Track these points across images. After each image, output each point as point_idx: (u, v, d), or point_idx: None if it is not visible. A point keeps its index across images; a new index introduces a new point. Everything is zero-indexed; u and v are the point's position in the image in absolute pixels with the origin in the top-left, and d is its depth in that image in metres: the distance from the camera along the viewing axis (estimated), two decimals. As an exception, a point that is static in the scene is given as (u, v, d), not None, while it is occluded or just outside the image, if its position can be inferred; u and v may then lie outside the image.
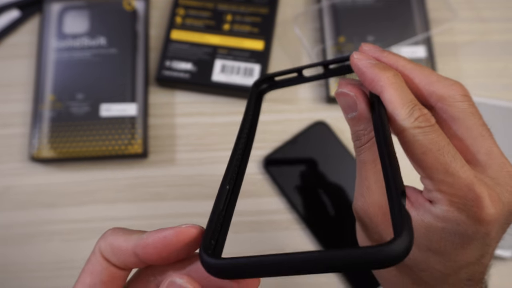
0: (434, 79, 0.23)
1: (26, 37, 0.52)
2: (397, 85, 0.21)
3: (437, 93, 0.22)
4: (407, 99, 0.21)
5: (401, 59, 0.23)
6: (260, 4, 0.51)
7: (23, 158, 0.48)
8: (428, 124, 0.21)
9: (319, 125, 0.48)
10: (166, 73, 0.49)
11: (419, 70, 0.23)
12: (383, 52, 0.23)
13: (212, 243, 0.20)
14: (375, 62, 0.22)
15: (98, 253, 0.21)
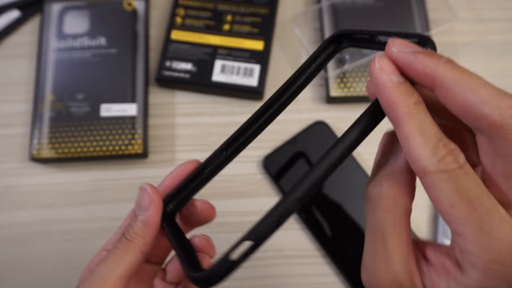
0: (485, 97, 0.17)
1: (26, 37, 0.52)
2: (418, 116, 0.18)
3: (489, 119, 0.17)
4: (429, 134, 0.17)
5: (441, 66, 0.18)
6: (260, 4, 0.51)
7: (23, 158, 0.48)
8: (455, 167, 0.17)
9: (319, 125, 0.48)
10: (166, 73, 0.49)
11: (464, 83, 0.17)
12: (417, 56, 0.18)
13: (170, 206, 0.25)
14: (396, 81, 0.18)
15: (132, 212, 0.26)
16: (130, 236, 0.24)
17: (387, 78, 0.18)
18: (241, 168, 0.47)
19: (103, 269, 0.23)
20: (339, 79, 0.48)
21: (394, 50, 0.19)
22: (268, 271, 0.44)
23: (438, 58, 0.18)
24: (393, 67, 0.19)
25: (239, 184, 0.47)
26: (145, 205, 0.25)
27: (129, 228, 0.25)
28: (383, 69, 0.19)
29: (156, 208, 0.25)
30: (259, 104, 0.50)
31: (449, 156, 0.17)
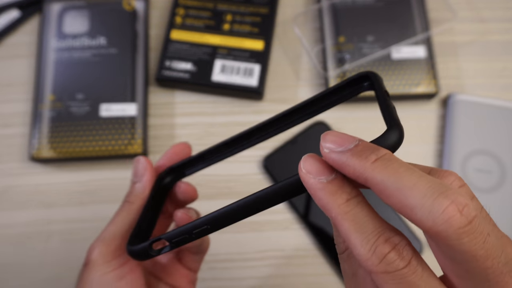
0: (417, 200, 0.15)
1: (26, 37, 0.52)
2: (352, 213, 0.17)
3: (423, 225, 0.15)
4: (366, 230, 0.16)
5: (368, 167, 0.16)
6: (260, 4, 0.51)
7: (23, 158, 0.48)
8: (401, 265, 0.15)
9: (319, 125, 0.48)
10: (166, 73, 0.49)
11: (395, 184, 0.16)
12: (345, 157, 0.17)
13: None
14: (325, 181, 0.17)
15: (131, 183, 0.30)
16: (131, 199, 0.29)
17: (315, 181, 0.18)
18: (241, 168, 0.47)
19: (111, 229, 0.28)
20: (339, 79, 0.48)
21: (326, 151, 0.18)
22: (268, 271, 0.44)
23: (366, 158, 0.16)
24: (320, 167, 0.18)
25: (239, 184, 0.47)
26: (140, 172, 0.29)
27: (129, 194, 0.29)
28: (310, 172, 0.18)
29: (150, 174, 0.29)
30: (259, 104, 0.50)
31: (392, 253, 0.16)
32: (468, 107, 0.48)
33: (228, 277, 0.44)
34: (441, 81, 0.50)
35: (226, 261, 0.44)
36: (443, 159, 0.47)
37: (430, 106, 0.50)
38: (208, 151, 0.28)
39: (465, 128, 0.47)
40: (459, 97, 0.48)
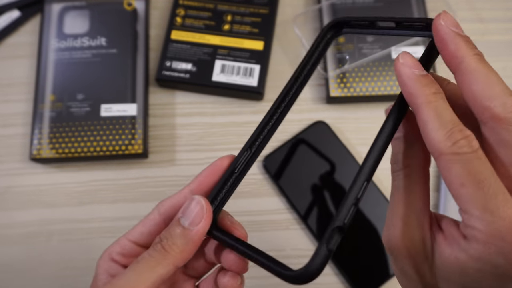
0: (496, 92, 0.19)
1: (26, 37, 0.53)
2: (436, 104, 0.19)
3: (492, 111, 0.19)
4: (445, 119, 0.19)
5: (471, 54, 0.20)
6: (260, 4, 0.51)
7: (23, 158, 0.48)
8: (469, 150, 0.18)
9: (319, 125, 0.48)
10: (166, 73, 0.49)
11: (484, 76, 0.19)
12: (456, 37, 0.20)
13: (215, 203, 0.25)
14: (418, 73, 0.20)
15: (156, 210, 0.26)
16: (169, 246, 0.23)
17: (410, 71, 0.20)
18: (241, 168, 0.47)
19: (132, 277, 0.22)
20: (339, 79, 0.48)
21: (442, 22, 0.20)
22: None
23: (472, 48, 0.20)
24: (416, 62, 0.21)
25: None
26: (195, 220, 0.23)
27: (168, 236, 0.23)
28: (407, 63, 0.20)
29: (206, 225, 0.23)
30: (259, 104, 0.50)
31: (463, 140, 0.18)
32: (468, 107, 0.48)
33: (228, 277, 0.43)
34: (441, 81, 0.50)
35: (226, 261, 0.44)
36: (443, 159, 0.47)
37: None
38: (236, 161, 0.25)
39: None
40: (459, 97, 0.48)
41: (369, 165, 0.21)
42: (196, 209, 0.23)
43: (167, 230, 0.23)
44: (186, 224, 0.23)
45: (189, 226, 0.23)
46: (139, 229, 0.26)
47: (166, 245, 0.23)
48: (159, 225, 0.25)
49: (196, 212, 0.23)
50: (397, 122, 0.21)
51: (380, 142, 0.21)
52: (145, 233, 0.26)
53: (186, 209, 0.23)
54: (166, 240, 0.23)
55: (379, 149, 0.21)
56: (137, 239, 0.26)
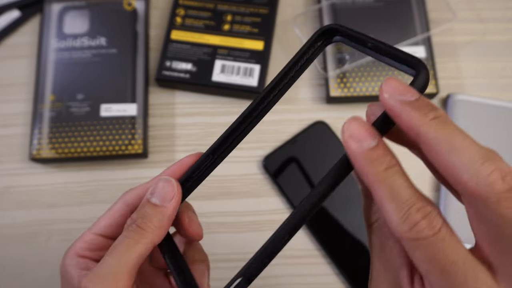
0: (465, 161, 0.16)
1: (26, 37, 0.52)
2: (388, 181, 0.17)
3: (466, 185, 0.16)
4: (401, 199, 0.17)
5: (426, 122, 0.17)
6: (260, 4, 0.51)
7: (23, 158, 0.48)
8: (430, 233, 0.16)
9: (319, 125, 0.48)
10: (166, 73, 0.49)
11: (448, 144, 0.17)
12: (405, 108, 0.18)
13: None
14: (367, 147, 0.18)
15: (122, 200, 0.26)
16: (145, 224, 0.22)
17: (356, 145, 0.18)
18: (241, 168, 0.47)
19: (113, 261, 0.21)
20: (339, 79, 0.48)
21: (386, 96, 0.18)
22: (268, 271, 0.44)
23: (425, 114, 0.17)
24: (364, 131, 0.18)
25: (239, 184, 0.47)
26: (167, 196, 0.23)
27: (142, 215, 0.23)
28: (354, 136, 0.18)
29: (178, 200, 0.24)
30: (259, 104, 0.50)
31: (423, 221, 0.16)
32: (468, 107, 0.48)
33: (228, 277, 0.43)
34: (441, 81, 0.50)
35: (226, 261, 0.44)
36: (443, 159, 0.47)
37: (430, 106, 0.50)
38: (209, 153, 0.26)
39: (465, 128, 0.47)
40: (459, 97, 0.48)
41: (292, 222, 0.20)
42: (167, 187, 0.24)
43: (138, 211, 0.23)
44: (158, 202, 0.23)
45: (162, 203, 0.23)
46: (106, 222, 0.26)
47: (141, 223, 0.23)
48: (127, 216, 0.25)
49: (167, 189, 0.24)
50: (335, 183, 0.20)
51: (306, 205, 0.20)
52: (113, 225, 0.26)
53: (155, 189, 0.24)
54: (142, 219, 0.23)
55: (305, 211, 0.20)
56: (104, 232, 0.26)
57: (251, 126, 0.25)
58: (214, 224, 0.45)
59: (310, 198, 0.20)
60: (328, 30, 0.25)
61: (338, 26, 0.24)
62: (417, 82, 0.19)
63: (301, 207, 0.20)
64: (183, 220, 0.25)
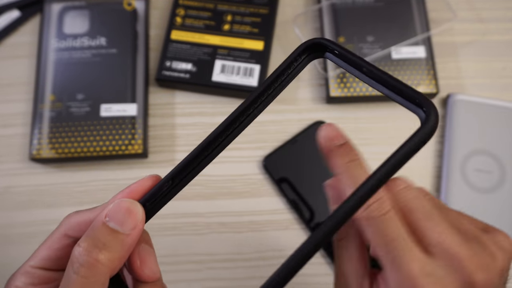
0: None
1: (26, 37, 0.52)
2: (351, 171, 0.22)
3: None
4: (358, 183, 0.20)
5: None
6: (260, 4, 0.51)
7: (23, 158, 0.48)
8: (378, 214, 0.20)
9: (319, 125, 0.48)
10: (166, 73, 0.49)
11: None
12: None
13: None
14: (337, 144, 0.22)
15: (62, 231, 0.22)
16: (101, 255, 0.19)
17: (329, 143, 0.23)
18: (241, 168, 0.47)
19: None
20: (339, 79, 0.48)
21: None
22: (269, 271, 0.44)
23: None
24: (336, 133, 0.23)
25: (239, 184, 0.47)
26: (130, 221, 0.20)
27: (96, 244, 0.19)
28: (327, 136, 0.23)
29: (140, 230, 0.21)
30: (259, 104, 0.50)
31: (375, 204, 0.20)
32: (468, 107, 0.48)
33: (228, 277, 0.44)
34: (441, 81, 0.50)
35: (226, 261, 0.44)
36: (443, 159, 0.47)
37: (430, 106, 0.50)
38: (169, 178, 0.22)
39: (465, 128, 0.47)
40: (459, 97, 0.48)
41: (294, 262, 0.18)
42: (130, 209, 0.21)
43: (91, 237, 0.20)
44: (119, 227, 0.20)
45: (123, 229, 0.20)
46: (44, 253, 0.22)
47: (96, 254, 0.19)
48: (68, 248, 0.21)
49: (130, 212, 0.20)
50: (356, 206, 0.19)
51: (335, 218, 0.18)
52: (52, 258, 0.22)
53: (114, 210, 0.20)
54: (96, 248, 0.19)
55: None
56: (43, 265, 0.22)
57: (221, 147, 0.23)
58: (214, 224, 0.45)
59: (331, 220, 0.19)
60: (314, 45, 0.22)
61: (326, 42, 0.22)
62: (426, 126, 0.19)
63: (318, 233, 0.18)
64: (133, 261, 0.21)
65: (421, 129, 0.19)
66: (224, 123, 0.23)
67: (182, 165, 0.22)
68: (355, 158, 0.22)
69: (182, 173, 0.22)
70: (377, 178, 0.19)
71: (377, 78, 0.21)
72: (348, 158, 0.22)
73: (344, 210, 0.18)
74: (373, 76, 0.21)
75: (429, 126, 0.19)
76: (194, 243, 0.45)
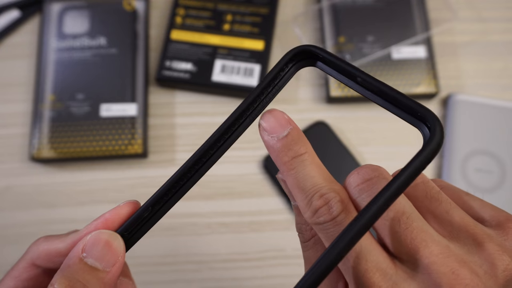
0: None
1: (26, 37, 0.52)
2: (295, 171, 0.18)
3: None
4: (306, 186, 0.18)
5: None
6: (260, 4, 0.51)
7: (23, 158, 0.48)
8: (328, 219, 0.17)
9: (319, 125, 0.48)
10: (166, 73, 0.49)
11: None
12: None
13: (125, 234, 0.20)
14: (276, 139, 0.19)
15: (28, 260, 0.20)
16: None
17: (267, 138, 0.19)
18: (241, 168, 0.47)
19: None
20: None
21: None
22: (269, 271, 0.44)
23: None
24: (274, 123, 0.19)
25: (239, 184, 0.47)
26: (110, 257, 0.18)
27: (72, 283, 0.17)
28: (265, 129, 0.19)
29: (121, 265, 0.19)
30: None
31: (323, 208, 0.17)
32: (468, 107, 0.48)
33: (228, 277, 0.43)
34: (441, 81, 0.50)
35: (226, 261, 0.44)
36: (443, 159, 0.47)
37: (430, 106, 0.50)
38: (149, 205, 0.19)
39: (465, 128, 0.47)
40: (459, 97, 0.48)
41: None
42: (110, 243, 0.18)
43: (66, 274, 0.18)
44: (98, 264, 0.18)
45: (103, 267, 0.18)
46: (11, 284, 0.20)
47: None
48: (37, 280, 0.20)
49: (110, 246, 0.18)
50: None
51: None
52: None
53: (91, 244, 0.18)
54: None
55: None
56: None
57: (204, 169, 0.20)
58: (215, 225, 0.45)
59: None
60: (303, 52, 0.20)
61: (315, 49, 0.19)
62: (433, 143, 0.16)
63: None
64: None
65: (427, 147, 0.16)
66: (207, 142, 0.20)
67: (163, 190, 0.19)
68: (301, 152, 0.18)
69: (163, 198, 0.20)
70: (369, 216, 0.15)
71: (373, 88, 0.18)
72: (291, 154, 0.18)
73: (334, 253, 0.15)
74: (368, 86, 0.18)
75: (435, 143, 0.16)
76: (194, 243, 0.45)
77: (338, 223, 0.17)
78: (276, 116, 0.19)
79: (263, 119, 0.19)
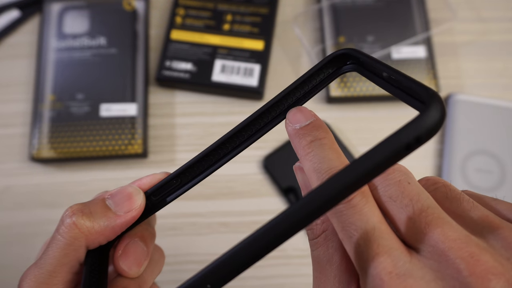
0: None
1: (26, 37, 0.52)
2: (311, 154, 0.18)
3: None
4: (321, 170, 0.18)
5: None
6: (260, 4, 0.51)
7: (23, 158, 0.48)
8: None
9: (319, 125, 0.48)
10: (166, 73, 0.49)
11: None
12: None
13: None
14: (299, 127, 0.19)
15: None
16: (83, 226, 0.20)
17: (290, 128, 0.19)
18: (241, 168, 0.47)
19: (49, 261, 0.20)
20: (339, 79, 0.48)
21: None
22: (269, 271, 0.44)
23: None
24: (298, 115, 0.19)
25: (239, 184, 0.47)
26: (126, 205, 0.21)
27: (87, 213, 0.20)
28: (290, 121, 0.20)
29: (133, 217, 0.21)
30: (259, 104, 0.50)
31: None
32: (468, 107, 0.48)
33: (228, 277, 0.43)
34: (441, 81, 0.50)
35: (226, 261, 0.44)
36: (443, 159, 0.47)
37: (430, 106, 0.50)
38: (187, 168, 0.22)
39: (465, 128, 0.47)
40: (459, 97, 0.48)
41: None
42: (131, 195, 0.21)
43: (84, 205, 0.21)
44: (113, 206, 0.21)
45: (116, 209, 0.21)
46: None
47: (78, 219, 0.20)
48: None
49: (129, 198, 0.21)
50: None
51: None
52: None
53: (117, 192, 0.21)
54: (81, 215, 0.20)
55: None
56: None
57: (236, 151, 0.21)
58: (215, 224, 0.45)
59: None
60: (344, 55, 0.19)
61: (358, 53, 0.19)
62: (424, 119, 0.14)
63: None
64: (117, 248, 0.22)
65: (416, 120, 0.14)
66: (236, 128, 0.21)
67: (191, 162, 0.21)
68: (320, 137, 0.18)
69: (190, 171, 0.21)
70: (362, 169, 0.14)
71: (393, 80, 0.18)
72: (310, 138, 0.18)
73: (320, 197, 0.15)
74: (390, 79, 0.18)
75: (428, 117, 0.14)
76: (194, 243, 0.45)
77: (353, 205, 0.16)
78: (302, 110, 0.20)
79: (290, 113, 0.20)
